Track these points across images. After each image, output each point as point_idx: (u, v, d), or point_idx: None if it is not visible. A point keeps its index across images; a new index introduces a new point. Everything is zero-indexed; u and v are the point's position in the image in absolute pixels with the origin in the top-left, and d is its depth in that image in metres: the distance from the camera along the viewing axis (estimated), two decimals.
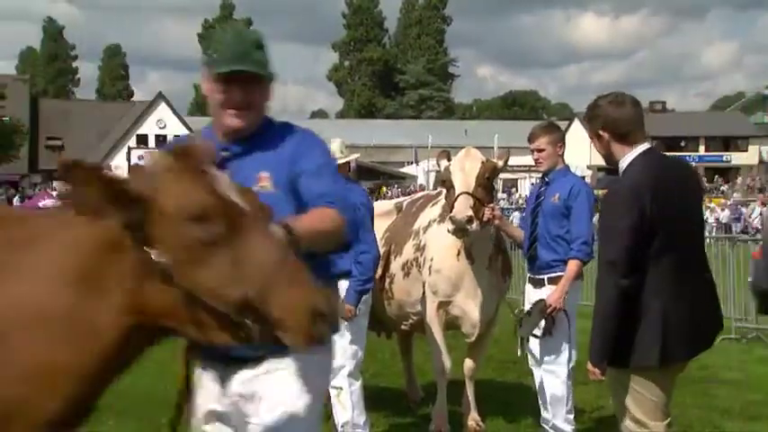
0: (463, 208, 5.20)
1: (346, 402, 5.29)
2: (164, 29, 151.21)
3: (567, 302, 5.15)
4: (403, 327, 6.43)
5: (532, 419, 5.84)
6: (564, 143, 5.47)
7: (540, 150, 5.35)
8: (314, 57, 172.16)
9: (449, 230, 5.31)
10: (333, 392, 5.34)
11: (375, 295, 6.25)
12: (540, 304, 5.18)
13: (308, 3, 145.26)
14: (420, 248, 5.96)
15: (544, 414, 5.31)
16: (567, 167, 5.53)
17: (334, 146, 5.61)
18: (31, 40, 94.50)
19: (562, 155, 5.42)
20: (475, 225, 5.28)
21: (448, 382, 5.90)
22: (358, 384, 5.38)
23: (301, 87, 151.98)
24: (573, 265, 5.16)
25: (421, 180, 45.95)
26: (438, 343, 5.84)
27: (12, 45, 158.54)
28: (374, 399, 6.94)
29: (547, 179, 5.42)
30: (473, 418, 5.93)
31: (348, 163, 5.69)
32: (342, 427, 5.32)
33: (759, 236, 21.54)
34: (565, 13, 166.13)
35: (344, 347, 5.25)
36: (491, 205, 5.42)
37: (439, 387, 5.86)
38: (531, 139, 5.42)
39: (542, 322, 5.17)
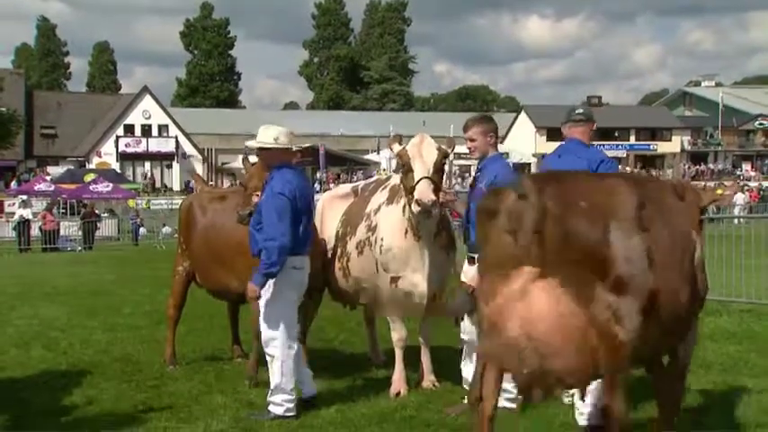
0: (428, 192, 5.16)
1: (277, 369, 5.24)
2: (149, 27, 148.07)
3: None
4: (361, 301, 6.44)
5: None
6: (495, 133, 5.32)
7: (471, 140, 5.28)
8: (286, 54, 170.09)
9: (414, 212, 5.25)
10: (268, 359, 5.34)
11: (335, 273, 6.28)
12: (464, 285, 5.17)
13: (280, 5, 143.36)
14: (371, 229, 5.91)
15: (467, 377, 5.22)
16: (500, 155, 5.38)
17: (274, 131, 5.39)
18: (25, 36, 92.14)
19: (494, 144, 5.30)
20: (437, 207, 5.30)
21: (408, 349, 5.94)
22: (290, 353, 5.25)
23: (275, 81, 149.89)
24: None
25: (384, 166, 45.86)
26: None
27: (7, 42, 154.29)
28: (342, 363, 6.97)
29: (479, 166, 5.35)
30: (429, 380, 5.99)
31: (290, 149, 5.43)
32: (272, 389, 5.28)
33: None
34: (512, 16, 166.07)
35: (278, 320, 5.24)
36: (447, 190, 5.43)
37: (396, 354, 5.88)
38: (465, 129, 5.33)
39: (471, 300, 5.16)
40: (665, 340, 3.76)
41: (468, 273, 5.14)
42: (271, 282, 5.18)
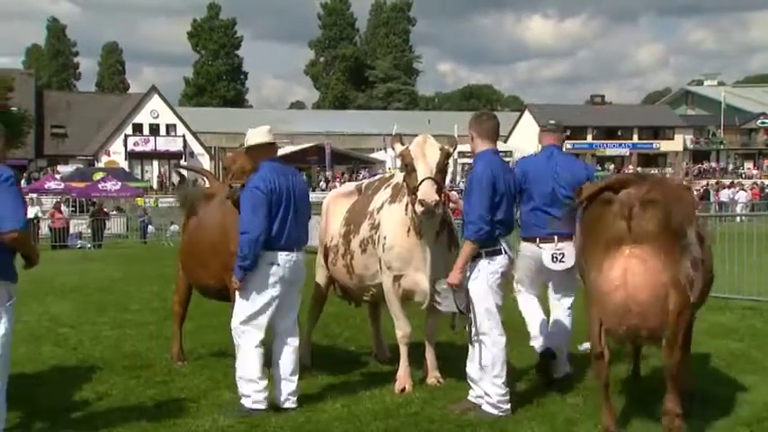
0: (431, 192, 5.15)
1: (241, 359, 5.23)
2: (157, 28, 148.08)
3: (468, 279, 5.07)
4: (365, 298, 6.43)
5: None
6: (485, 130, 5.23)
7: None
8: (292, 53, 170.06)
9: (418, 212, 5.23)
10: (235, 348, 5.33)
11: (340, 270, 6.28)
12: (443, 282, 5.19)
13: (286, 5, 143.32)
14: (375, 227, 5.91)
15: (471, 374, 5.22)
16: (486, 151, 5.22)
17: (251, 132, 5.45)
18: (35, 37, 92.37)
19: (483, 140, 5.22)
20: (440, 207, 5.29)
21: (413, 345, 5.93)
22: (254, 344, 5.19)
23: (281, 81, 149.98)
24: (465, 245, 5.07)
25: (389, 164, 45.81)
26: (397, 312, 5.84)
27: (18, 43, 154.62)
28: (347, 359, 6.98)
29: (472, 163, 5.39)
30: (434, 376, 5.98)
31: (268, 143, 5.44)
32: (237, 378, 5.27)
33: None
34: (515, 16, 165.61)
35: (247, 313, 5.22)
36: (447, 191, 5.41)
37: (401, 350, 5.86)
38: None
39: (455, 297, 5.13)
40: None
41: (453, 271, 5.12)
42: (254, 276, 5.19)
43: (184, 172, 37.75)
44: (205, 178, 8.21)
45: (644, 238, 4.28)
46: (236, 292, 5.27)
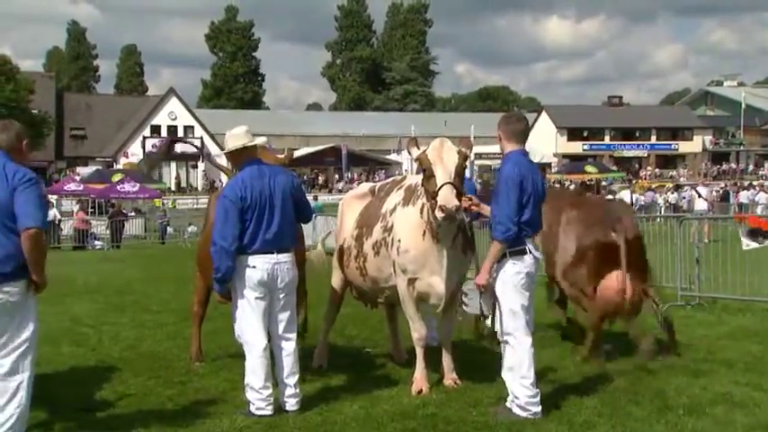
0: (451, 198, 5.10)
1: (246, 366, 5.22)
2: (175, 30, 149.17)
3: (495, 280, 5.04)
4: (379, 300, 6.42)
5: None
6: (504, 132, 5.19)
7: None
8: (309, 55, 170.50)
9: (438, 217, 5.19)
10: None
11: (353, 272, 6.29)
12: (470, 283, 5.16)
13: (303, 7, 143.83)
14: (387, 230, 5.87)
15: (503, 375, 5.18)
16: (515, 153, 5.16)
17: (239, 131, 5.40)
18: (56, 40, 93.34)
19: (507, 143, 5.19)
20: (461, 213, 5.27)
21: (428, 347, 5.91)
22: (256, 353, 5.15)
23: (298, 82, 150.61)
24: (492, 246, 5.02)
25: (405, 166, 45.84)
26: (412, 315, 5.82)
27: (39, 45, 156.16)
28: (364, 361, 6.98)
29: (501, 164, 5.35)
30: (450, 377, 5.96)
31: (245, 147, 5.38)
32: (245, 384, 5.26)
33: (700, 214, 21.75)
34: (533, 17, 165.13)
35: (240, 320, 5.25)
36: (468, 196, 5.36)
37: (417, 352, 5.85)
38: None
39: (480, 298, 5.10)
40: None
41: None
42: (236, 282, 5.19)
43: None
44: (224, 176, 8.23)
45: (634, 262, 6.36)
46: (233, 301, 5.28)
